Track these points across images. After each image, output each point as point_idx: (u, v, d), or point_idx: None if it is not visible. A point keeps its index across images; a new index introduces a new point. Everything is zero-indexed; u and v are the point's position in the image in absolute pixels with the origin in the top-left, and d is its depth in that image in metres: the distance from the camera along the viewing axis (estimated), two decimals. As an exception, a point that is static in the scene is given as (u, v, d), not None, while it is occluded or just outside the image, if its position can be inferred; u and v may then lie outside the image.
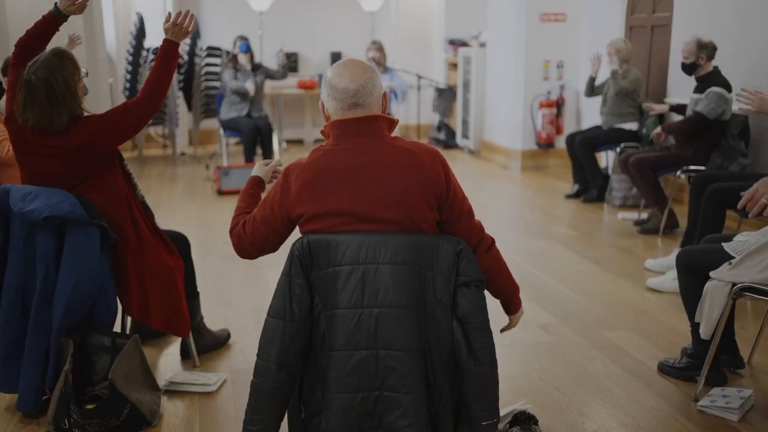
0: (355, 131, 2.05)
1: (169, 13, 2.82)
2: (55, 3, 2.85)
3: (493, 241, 2.21)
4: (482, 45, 8.49)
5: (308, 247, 2.00)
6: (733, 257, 2.80)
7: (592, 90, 6.35)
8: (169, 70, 2.82)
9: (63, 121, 2.65)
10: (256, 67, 7.34)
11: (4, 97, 2.86)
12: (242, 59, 7.24)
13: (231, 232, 2.24)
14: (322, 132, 2.13)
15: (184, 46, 8.62)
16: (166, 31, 2.82)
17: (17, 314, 2.69)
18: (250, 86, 7.12)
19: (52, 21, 2.85)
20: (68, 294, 2.60)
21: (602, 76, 6.38)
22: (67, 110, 2.65)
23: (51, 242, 2.62)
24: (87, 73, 2.79)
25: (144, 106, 2.77)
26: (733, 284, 2.74)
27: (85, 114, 2.75)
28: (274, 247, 2.20)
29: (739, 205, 2.88)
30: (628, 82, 6.00)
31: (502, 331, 2.37)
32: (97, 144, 2.71)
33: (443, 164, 2.08)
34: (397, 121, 2.16)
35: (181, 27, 2.82)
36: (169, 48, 2.82)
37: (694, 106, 5.10)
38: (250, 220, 2.18)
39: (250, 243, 2.19)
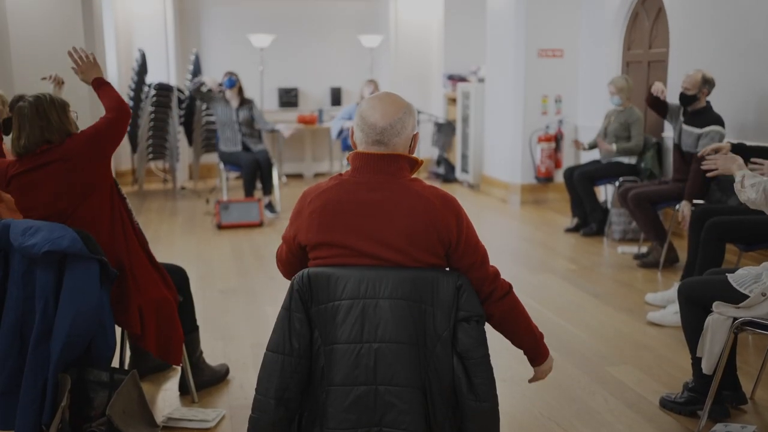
0: (375, 167, 2.04)
1: (73, 68, 3.07)
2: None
3: (509, 288, 2.15)
4: (481, 80, 8.57)
5: (308, 281, 1.99)
6: (737, 289, 2.79)
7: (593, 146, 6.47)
8: (114, 94, 3.02)
9: (54, 134, 2.79)
10: (244, 102, 7.32)
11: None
12: (227, 94, 7.27)
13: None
14: (348, 159, 2.12)
15: (185, 82, 8.71)
16: (84, 80, 3.08)
17: (15, 350, 2.67)
18: (207, 80, 7.26)
19: None
20: (67, 329, 2.59)
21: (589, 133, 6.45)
22: (57, 127, 2.80)
23: (50, 277, 2.61)
24: (77, 115, 2.97)
25: (117, 114, 2.95)
26: (734, 318, 2.73)
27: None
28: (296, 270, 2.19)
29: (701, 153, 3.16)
30: (632, 133, 6.08)
31: (530, 381, 2.34)
32: (93, 149, 2.83)
33: (457, 212, 2.04)
34: (422, 162, 2.14)
35: (86, 63, 3.06)
36: (97, 85, 3.05)
37: (687, 138, 5.15)
38: (282, 239, 2.22)
39: (282, 260, 2.22)
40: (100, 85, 3.04)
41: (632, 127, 6.07)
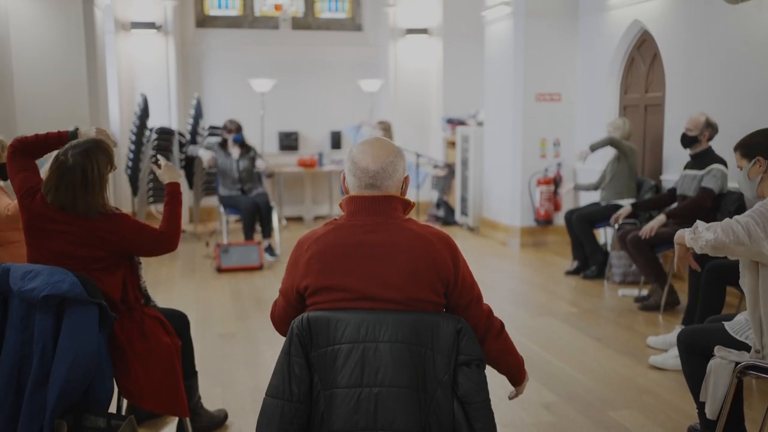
0: (369, 209, 2.07)
1: (158, 158, 3.14)
2: (77, 128, 3.07)
3: (502, 325, 2.20)
4: (480, 124, 8.64)
5: (308, 325, 1.99)
6: (734, 337, 2.78)
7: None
8: (178, 217, 3.05)
9: (86, 206, 2.77)
10: (245, 152, 7.39)
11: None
12: (230, 145, 7.37)
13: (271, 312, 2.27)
14: (341, 205, 2.15)
15: (186, 126, 8.78)
16: (161, 178, 3.13)
17: (11, 395, 2.65)
18: (205, 157, 7.33)
19: (65, 139, 3.01)
20: (64, 374, 2.57)
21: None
22: (93, 198, 2.77)
23: (49, 321, 2.60)
24: (115, 169, 2.96)
25: (165, 239, 2.98)
26: (737, 363, 2.71)
27: (113, 209, 2.88)
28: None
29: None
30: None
31: (510, 398, 2.37)
32: (115, 243, 2.81)
33: (453, 251, 2.07)
34: (414, 204, 2.17)
35: (167, 168, 3.13)
36: (170, 191, 3.11)
37: (691, 182, 5.17)
38: (278, 295, 2.21)
39: (278, 318, 2.21)
40: (173, 195, 3.09)
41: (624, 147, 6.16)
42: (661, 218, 5.15)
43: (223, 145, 7.39)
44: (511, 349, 2.24)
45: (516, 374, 2.30)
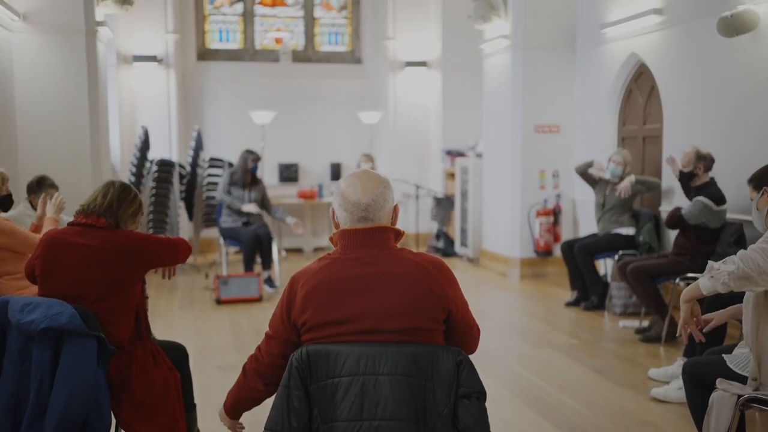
0: (363, 242, 2.07)
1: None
2: None
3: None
4: (479, 155, 8.68)
5: (307, 358, 1.98)
6: (733, 370, 2.77)
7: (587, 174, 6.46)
8: None
9: (111, 219, 2.87)
10: (255, 183, 7.44)
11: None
12: (247, 177, 7.38)
13: (246, 366, 2.22)
14: (331, 239, 2.14)
15: (186, 158, 8.81)
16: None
17: (8, 427, 2.63)
18: (251, 207, 7.23)
19: None
20: (62, 406, 2.55)
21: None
22: (120, 217, 2.90)
23: (47, 354, 2.59)
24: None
25: (179, 242, 3.10)
26: (739, 395, 2.70)
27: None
28: (273, 379, 2.15)
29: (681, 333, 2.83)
30: (647, 179, 6.19)
31: None
32: (134, 255, 2.86)
33: (450, 276, 2.09)
34: (404, 233, 2.18)
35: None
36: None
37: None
38: (264, 340, 2.17)
39: (267, 363, 2.15)
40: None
41: (644, 181, 6.15)
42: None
43: (243, 178, 7.37)
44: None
45: None
